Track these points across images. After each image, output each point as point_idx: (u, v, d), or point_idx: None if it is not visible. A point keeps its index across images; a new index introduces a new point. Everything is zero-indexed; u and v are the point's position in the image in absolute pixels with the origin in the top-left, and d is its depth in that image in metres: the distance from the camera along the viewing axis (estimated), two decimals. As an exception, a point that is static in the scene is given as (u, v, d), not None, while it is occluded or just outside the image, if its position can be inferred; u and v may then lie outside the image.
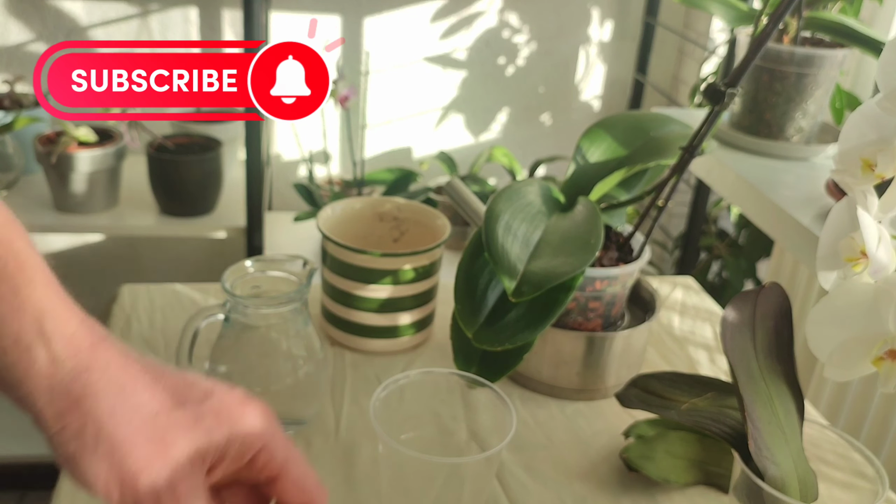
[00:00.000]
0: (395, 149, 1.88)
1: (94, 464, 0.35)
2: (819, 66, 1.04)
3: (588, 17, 1.84)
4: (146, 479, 0.35)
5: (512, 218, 0.67)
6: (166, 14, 1.67)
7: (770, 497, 0.50)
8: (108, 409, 0.35)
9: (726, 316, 0.55)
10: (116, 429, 0.35)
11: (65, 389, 0.35)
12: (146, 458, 0.35)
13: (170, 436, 0.36)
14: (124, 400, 0.35)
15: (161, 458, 0.35)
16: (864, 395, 1.20)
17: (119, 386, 0.36)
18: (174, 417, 0.36)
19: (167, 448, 0.35)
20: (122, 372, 0.36)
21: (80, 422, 0.35)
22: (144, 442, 0.35)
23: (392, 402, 0.56)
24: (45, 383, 0.35)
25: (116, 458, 0.35)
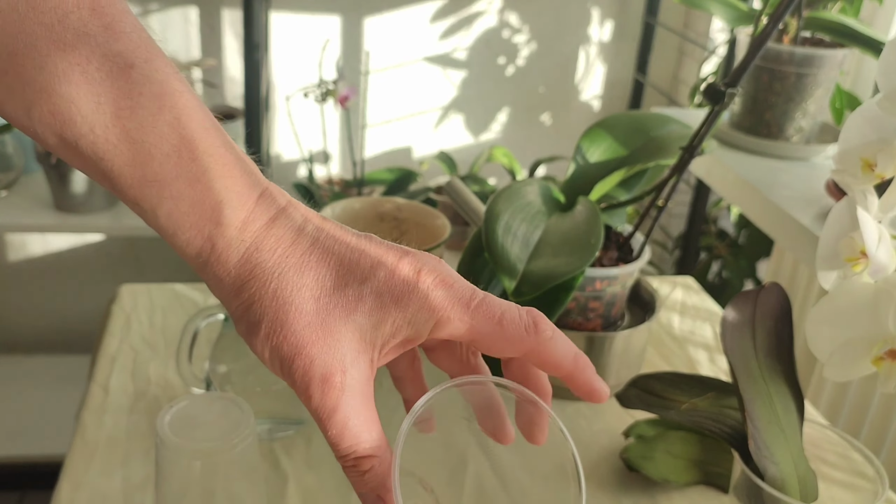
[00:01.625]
0: (395, 149, 1.88)
1: (257, 345, 0.35)
2: (819, 66, 1.04)
3: (588, 17, 1.84)
4: (300, 363, 0.34)
5: (512, 218, 0.67)
6: (166, 14, 1.67)
7: (770, 497, 0.50)
8: (272, 291, 0.34)
9: (726, 316, 0.55)
10: (277, 311, 0.34)
11: (237, 274, 0.35)
12: (302, 342, 0.34)
13: (329, 320, 0.34)
14: (287, 281, 0.34)
15: (317, 343, 0.34)
16: (864, 395, 1.20)
17: (285, 267, 0.34)
18: (335, 299, 0.35)
19: (325, 333, 0.34)
20: (290, 251, 0.35)
21: (247, 304, 0.35)
22: (303, 326, 0.34)
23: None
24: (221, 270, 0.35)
25: (275, 341, 0.34)
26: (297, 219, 0.36)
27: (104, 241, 1.81)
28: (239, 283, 0.35)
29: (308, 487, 0.63)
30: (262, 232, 0.35)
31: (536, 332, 0.37)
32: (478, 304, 0.36)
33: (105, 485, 0.61)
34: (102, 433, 0.66)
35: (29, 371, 1.82)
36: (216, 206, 0.34)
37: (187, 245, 0.34)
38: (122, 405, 0.70)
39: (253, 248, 0.35)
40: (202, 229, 0.34)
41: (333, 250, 0.36)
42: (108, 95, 0.32)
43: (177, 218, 0.34)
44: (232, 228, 0.34)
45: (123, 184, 0.33)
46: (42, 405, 1.72)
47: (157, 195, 0.33)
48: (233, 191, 0.34)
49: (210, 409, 0.54)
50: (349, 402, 0.35)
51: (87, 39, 0.31)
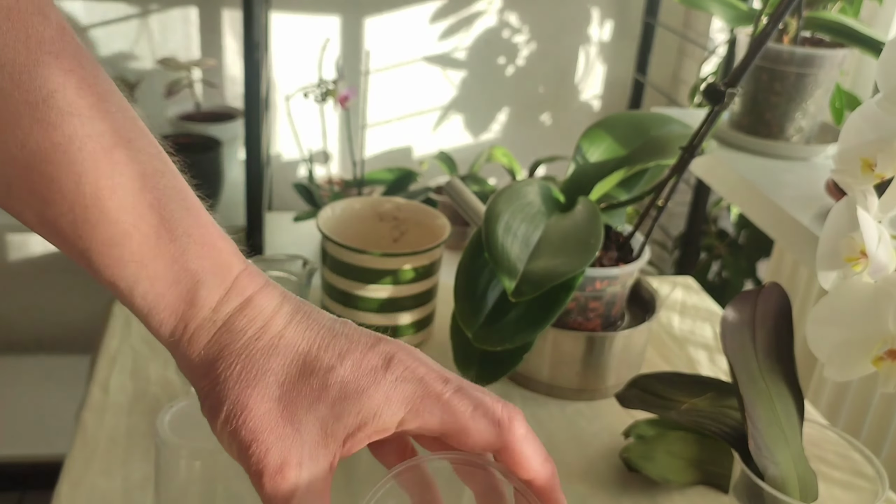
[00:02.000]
0: (395, 149, 1.88)
1: (217, 427, 0.34)
2: (819, 66, 1.04)
3: (588, 17, 1.84)
4: (256, 450, 0.33)
5: (512, 218, 0.67)
6: (166, 14, 1.67)
7: (770, 497, 0.49)
8: (237, 373, 0.34)
9: (726, 316, 0.55)
10: (240, 394, 0.33)
11: (205, 354, 0.34)
12: (260, 428, 0.33)
13: (291, 408, 0.33)
14: (253, 364, 0.34)
15: (276, 431, 0.33)
16: (864, 395, 1.20)
17: (252, 350, 0.34)
18: (299, 387, 0.34)
19: (285, 421, 0.33)
20: (260, 333, 0.34)
21: (212, 384, 0.34)
22: (264, 412, 0.33)
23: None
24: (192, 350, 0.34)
25: (234, 424, 0.33)
26: (272, 301, 0.36)
27: (104, 241, 1.81)
28: (207, 364, 0.34)
29: (308, 487, 0.63)
30: (234, 313, 0.35)
31: (510, 429, 0.35)
32: (450, 397, 0.35)
33: (105, 485, 0.61)
34: (102, 433, 0.66)
35: (29, 371, 1.82)
36: (192, 287, 0.34)
37: (161, 325, 0.34)
38: (122, 405, 0.70)
39: (223, 329, 0.34)
40: (177, 309, 0.34)
41: (304, 335, 0.35)
42: (90, 175, 0.31)
43: (152, 298, 0.34)
44: (206, 309, 0.34)
45: (101, 263, 0.33)
46: (42, 405, 1.72)
47: (133, 275, 0.33)
48: (210, 272, 0.34)
49: (210, 409, 0.54)
50: (302, 497, 0.33)
51: (71, 119, 0.31)
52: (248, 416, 0.33)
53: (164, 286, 0.33)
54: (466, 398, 0.35)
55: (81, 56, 0.32)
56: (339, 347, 0.35)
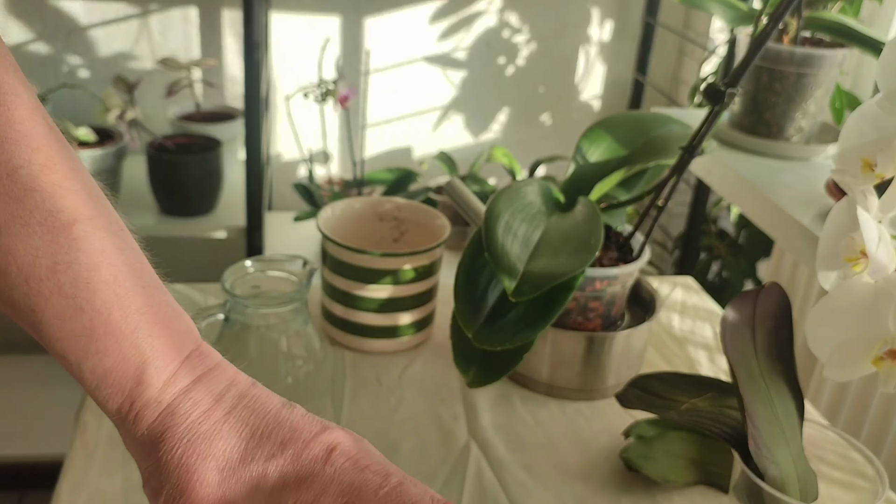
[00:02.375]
0: (395, 149, 1.88)
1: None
2: (819, 66, 1.04)
3: (588, 17, 1.84)
4: None
5: (512, 218, 0.67)
6: (166, 14, 1.67)
7: (770, 497, 0.50)
8: (178, 457, 0.34)
9: (726, 316, 0.55)
10: (180, 479, 0.34)
11: (149, 435, 0.35)
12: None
13: (229, 494, 0.33)
14: (195, 449, 0.34)
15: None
16: (864, 395, 1.20)
17: (195, 434, 0.34)
18: (238, 474, 0.34)
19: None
20: (204, 417, 0.35)
21: (154, 466, 0.34)
22: (202, 497, 0.33)
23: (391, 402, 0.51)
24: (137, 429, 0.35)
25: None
26: (221, 383, 0.36)
27: (104, 241, 1.81)
28: (150, 444, 0.34)
29: (308, 487, 0.63)
30: (180, 394, 0.35)
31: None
32: (388, 492, 0.34)
33: (105, 485, 0.61)
34: (102, 433, 0.66)
35: (29, 371, 1.82)
36: (140, 366, 0.34)
37: (108, 400, 0.34)
38: (122, 405, 0.70)
39: (168, 412, 0.34)
40: (124, 386, 0.34)
41: (248, 421, 0.35)
42: (47, 250, 0.32)
43: (100, 374, 0.34)
44: (153, 388, 0.34)
45: (51, 336, 0.33)
46: (42, 405, 1.72)
47: (83, 349, 0.33)
48: (159, 350, 0.35)
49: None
50: None
51: (34, 195, 0.32)
52: (187, 501, 0.33)
53: (112, 363, 0.34)
54: (404, 495, 0.34)
55: (50, 135, 0.33)
56: (282, 435, 0.35)
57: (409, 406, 0.72)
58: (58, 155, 0.33)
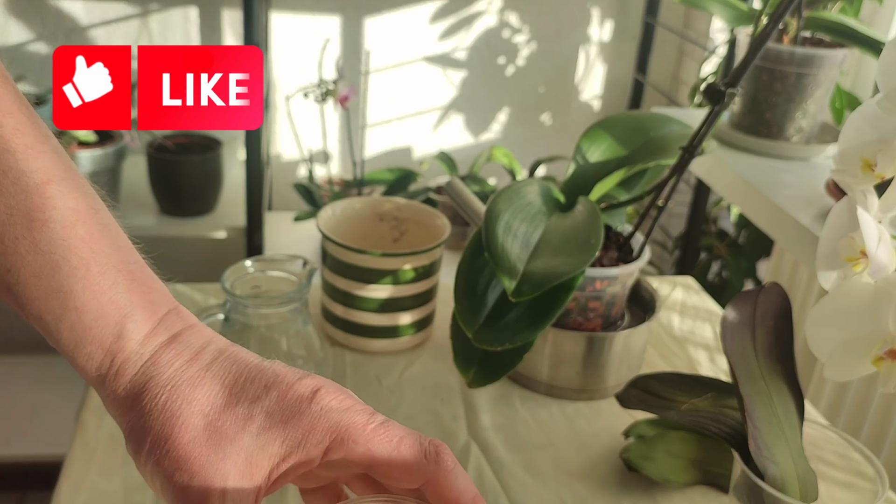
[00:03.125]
0: (395, 149, 1.88)
1: (141, 460, 0.34)
2: (819, 66, 1.04)
3: (588, 17, 1.84)
4: (179, 479, 0.33)
5: (512, 218, 0.67)
6: (166, 14, 1.67)
7: (770, 497, 0.50)
8: (161, 404, 0.34)
9: (726, 316, 0.55)
10: (164, 425, 0.33)
11: (131, 387, 0.34)
12: (183, 457, 0.33)
13: (215, 437, 0.33)
14: (178, 395, 0.34)
15: (199, 460, 0.33)
16: (864, 395, 1.20)
17: (178, 381, 0.34)
18: (224, 417, 0.34)
19: (209, 451, 0.33)
20: (187, 366, 0.35)
21: (137, 417, 0.34)
22: (188, 441, 0.33)
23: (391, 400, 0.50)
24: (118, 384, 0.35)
25: (157, 455, 0.33)
26: (201, 339, 0.36)
27: (104, 241, 1.81)
28: (132, 397, 0.34)
29: (308, 487, 0.63)
30: (161, 347, 0.35)
31: (437, 461, 0.35)
32: (375, 427, 0.34)
33: (105, 485, 0.61)
34: (102, 433, 0.66)
35: (29, 371, 1.82)
36: (120, 321, 0.34)
37: (87, 359, 0.34)
38: (122, 405, 0.70)
39: (150, 362, 0.34)
40: (103, 343, 0.34)
41: (230, 369, 0.35)
42: (21, 208, 0.32)
43: (79, 331, 0.34)
44: (133, 342, 0.34)
45: (28, 295, 0.33)
46: (42, 405, 1.72)
47: (61, 307, 0.33)
48: (139, 306, 0.35)
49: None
50: None
51: (7, 156, 0.32)
52: (172, 446, 0.33)
53: (91, 319, 0.34)
54: (391, 430, 0.35)
55: (19, 102, 0.33)
56: (266, 379, 0.35)
57: (409, 406, 0.72)
58: (28, 121, 0.33)
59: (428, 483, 0.35)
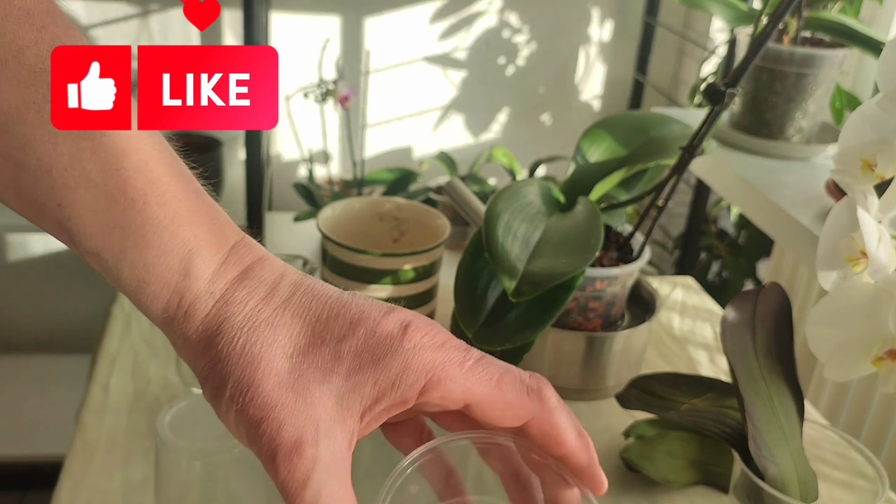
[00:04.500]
0: (395, 149, 1.88)
1: (222, 408, 0.31)
2: (819, 66, 1.04)
3: (588, 17, 1.84)
4: (267, 428, 0.30)
5: (512, 218, 0.67)
6: (166, 14, 1.67)
7: (770, 497, 0.50)
8: (240, 347, 0.31)
9: (726, 316, 0.55)
10: (245, 370, 0.30)
11: (204, 329, 0.31)
12: (270, 405, 0.30)
13: (302, 381, 0.31)
14: (258, 337, 0.31)
15: (287, 406, 0.30)
16: (864, 395, 1.20)
17: (256, 321, 0.31)
18: (309, 359, 0.31)
19: (297, 396, 0.30)
20: (263, 305, 0.32)
21: (214, 362, 0.31)
22: (273, 387, 0.30)
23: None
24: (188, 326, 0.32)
25: (241, 403, 0.30)
26: (273, 272, 0.33)
27: (104, 241, 1.81)
28: (206, 340, 0.31)
29: (308, 487, 0.63)
30: (233, 284, 0.32)
31: (540, 398, 0.33)
32: (473, 364, 0.32)
33: (105, 485, 0.61)
34: (102, 433, 0.66)
35: (29, 371, 1.82)
36: (185, 256, 0.31)
37: (153, 299, 0.31)
38: (122, 405, 0.70)
39: (222, 302, 0.32)
40: (169, 281, 0.31)
41: (310, 305, 0.32)
42: (68, 136, 0.29)
43: (141, 269, 0.31)
44: (201, 280, 0.31)
45: (83, 232, 0.30)
46: (42, 405, 1.72)
47: (119, 243, 0.30)
48: (203, 240, 0.32)
49: (210, 410, 0.54)
50: (321, 478, 0.30)
51: (44, 77, 0.29)
52: (256, 393, 0.30)
53: (153, 256, 0.31)
54: (491, 366, 0.33)
55: (54, 14, 0.30)
56: (351, 316, 0.32)
57: (409, 406, 0.72)
58: (64, 35, 0.29)
59: (531, 421, 0.33)
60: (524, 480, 0.37)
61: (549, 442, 0.34)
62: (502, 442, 0.35)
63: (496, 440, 0.35)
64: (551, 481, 0.35)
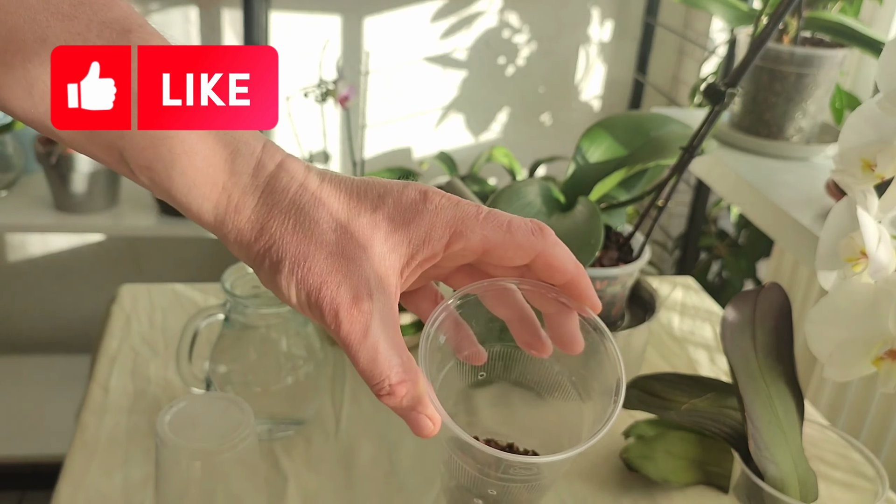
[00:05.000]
0: (395, 149, 1.88)
1: (282, 282, 0.35)
2: (819, 66, 1.04)
3: (588, 17, 1.84)
4: (328, 291, 0.35)
5: (512, 218, 0.67)
6: (166, 14, 1.67)
7: (770, 497, 0.50)
8: (290, 227, 0.35)
9: (726, 316, 0.55)
10: (299, 245, 0.35)
11: (255, 219, 0.35)
12: (327, 271, 0.35)
13: (349, 248, 0.35)
14: (305, 216, 0.35)
15: (342, 270, 0.35)
16: (864, 395, 1.20)
17: (300, 204, 0.36)
18: (351, 229, 0.36)
19: (347, 261, 0.35)
20: (302, 189, 0.36)
21: (268, 245, 0.35)
22: (326, 256, 0.35)
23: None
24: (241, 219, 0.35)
25: (300, 274, 0.35)
26: (300, 165, 0.37)
27: (104, 241, 1.81)
28: (258, 228, 0.35)
29: (308, 488, 0.63)
30: (272, 176, 0.36)
31: (543, 235, 0.38)
32: (486, 216, 0.37)
33: (105, 485, 0.61)
34: (102, 433, 0.66)
35: (29, 371, 1.82)
36: (229, 157, 0.35)
37: (204, 200, 0.35)
38: (122, 405, 0.70)
39: (267, 192, 0.35)
40: (217, 181, 0.35)
41: (340, 186, 0.37)
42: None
43: (192, 174, 0.34)
44: (245, 176, 0.35)
45: (135, 147, 0.33)
46: (42, 405, 1.72)
47: (169, 153, 0.34)
48: (241, 141, 0.35)
49: (210, 409, 0.54)
50: (378, 328, 0.35)
51: (84, 9, 0.32)
52: (313, 262, 0.35)
53: (202, 160, 0.34)
54: (500, 216, 0.38)
55: None
56: (377, 190, 0.37)
57: (409, 406, 0.72)
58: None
59: (537, 256, 0.38)
60: (527, 319, 0.42)
61: (553, 273, 0.39)
62: (507, 285, 0.41)
63: (501, 284, 0.41)
64: (553, 311, 0.41)
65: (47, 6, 0.31)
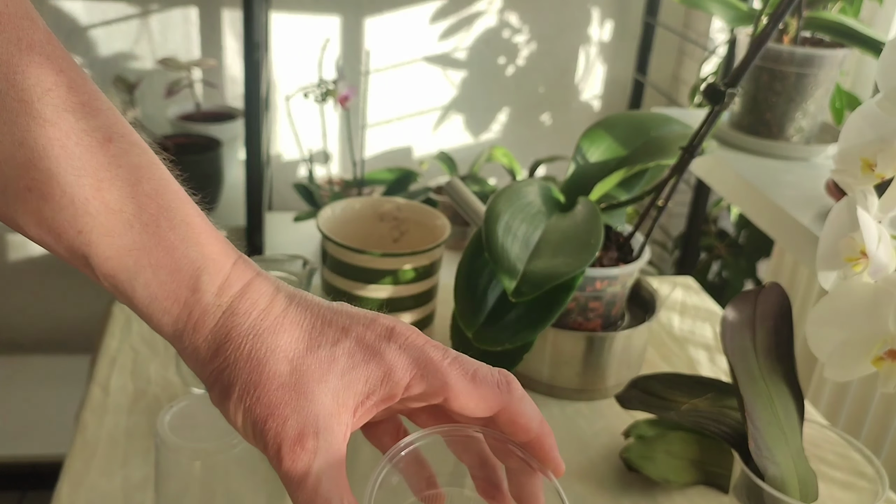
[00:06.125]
0: (395, 149, 1.88)
1: (230, 408, 0.35)
2: (819, 66, 1.04)
3: (588, 17, 1.84)
4: (273, 424, 0.34)
5: (512, 218, 0.67)
6: (166, 14, 1.67)
7: (770, 497, 0.50)
8: (246, 353, 0.34)
9: (726, 316, 0.55)
10: (251, 373, 0.34)
11: (212, 339, 0.35)
12: (275, 403, 0.34)
13: (302, 381, 0.34)
14: (262, 343, 0.35)
15: (291, 404, 0.34)
16: (864, 395, 1.20)
17: (259, 329, 0.35)
18: (308, 361, 0.35)
19: (298, 395, 0.34)
20: (265, 314, 0.35)
21: (221, 368, 0.35)
22: (277, 387, 0.34)
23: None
24: (198, 337, 0.35)
25: (248, 402, 0.34)
26: (269, 287, 0.36)
27: (104, 241, 1.81)
28: (214, 349, 0.35)
29: (308, 487, 0.63)
30: (237, 297, 0.35)
31: (509, 389, 0.37)
32: (451, 362, 0.36)
33: (105, 485, 0.61)
34: (102, 433, 0.66)
35: (29, 371, 1.82)
36: (194, 273, 0.34)
37: (164, 314, 0.35)
38: (122, 405, 0.70)
39: (229, 313, 0.35)
40: (180, 297, 0.34)
41: (305, 314, 0.36)
42: (88, 168, 0.32)
43: (154, 287, 0.34)
44: (209, 294, 0.35)
45: (100, 255, 0.33)
46: (42, 405, 1.72)
47: (134, 265, 0.34)
48: (210, 258, 0.35)
49: (210, 409, 0.54)
50: (321, 467, 0.34)
51: (66, 116, 0.32)
52: (262, 392, 0.34)
53: (166, 274, 0.34)
54: (466, 363, 0.37)
55: (68, 59, 0.33)
56: (342, 322, 0.36)
57: (409, 406, 0.72)
58: (79, 77, 0.33)
59: (500, 411, 0.37)
60: (490, 469, 0.40)
61: (516, 429, 0.38)
62: (471, 433, 0.39)
63: (465, 432, 0.39)
64: (516, 468, 0.39)
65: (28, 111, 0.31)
